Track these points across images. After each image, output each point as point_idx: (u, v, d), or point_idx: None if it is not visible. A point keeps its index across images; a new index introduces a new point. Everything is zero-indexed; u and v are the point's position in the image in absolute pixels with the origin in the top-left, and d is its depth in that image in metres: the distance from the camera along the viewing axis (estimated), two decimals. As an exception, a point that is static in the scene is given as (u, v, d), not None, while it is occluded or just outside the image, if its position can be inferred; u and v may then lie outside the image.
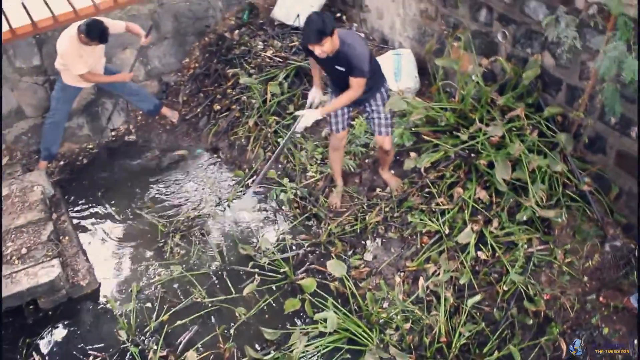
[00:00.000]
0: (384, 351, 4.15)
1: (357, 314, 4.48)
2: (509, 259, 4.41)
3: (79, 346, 4.65)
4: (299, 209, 5.38)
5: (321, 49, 4.15)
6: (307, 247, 5.08)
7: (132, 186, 6.02)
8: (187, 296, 4.85)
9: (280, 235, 5.26)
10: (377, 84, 4.61)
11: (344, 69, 4.35)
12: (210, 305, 4.77)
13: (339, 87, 4.56)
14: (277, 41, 6.45)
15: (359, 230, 5.02)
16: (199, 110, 6.52)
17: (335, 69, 4.40)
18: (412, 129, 5.08)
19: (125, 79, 5.95)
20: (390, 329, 4.35)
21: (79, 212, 5.79)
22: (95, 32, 5.23)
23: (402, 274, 4.68)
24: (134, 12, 6.27)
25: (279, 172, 5.66)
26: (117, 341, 4.61)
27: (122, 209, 5.77)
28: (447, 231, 4.63)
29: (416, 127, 5.08)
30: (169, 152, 6.38)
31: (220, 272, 5.04)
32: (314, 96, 4.95)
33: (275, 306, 4.73)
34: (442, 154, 4.83)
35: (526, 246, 4.43)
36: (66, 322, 4.84)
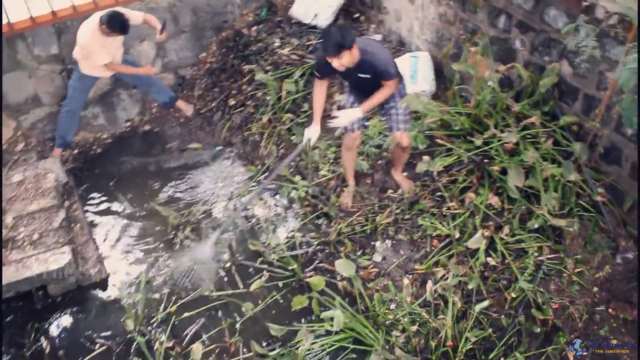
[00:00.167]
0: (390, 352, 4.15)
1: (364, 314, 4.48)
2: (518, 266, 4.40)
3: (86, 334, 4.69)
4: (310, 207, 5.39)
5: (339, 62, 4.21)
6: (317, 245, 5.09)
7: (144, 177, 6.05)
8: (195, 289, 4.87)
9: (290, 232, 5.27)
10: None
11: (369, 76, 4.41)
12: (217, 299, 4.79)
13: (363, 93, 4.62)
14: (294, 39, 6.46)
15: (369, 230, 5.02)
16: (213, 104, 6.54)
17: (359, 77, 4.46)
18: (426, 132, 5.08)
19: (148, 73, 6.01)
20: (396, 331, 4.36)
21: (91, 201, 5.83)
22: (116, 23, 5.28)
23: (411, 276, 4.67)
24: (152, 4, 6.30)
25: (292, 170, 5.67)
26: (124, 331, 4.63)
27: (133, 200, 5.80)
28: (457, 236, 4.62)
29: (430, 130, 5.08)
30: (182, 145, 6.40)
31: (229, 266, 5.06)
32: (313, 134, 4.76)
33: (282, 303, 4.74)
34: (456, 158, 4.82)
35: (536, 254, 4.42)
36: (74, 309, 4.88)
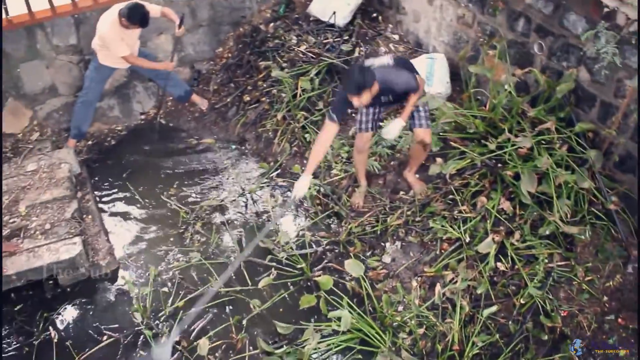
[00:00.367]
0: (396, 354, 4.15)
1: (372, 315, 4.47)
2: (528, 272, 4.37)
3: (94, 325, 4.71)
4: (321, 206, 5.39)
5: (359, 101, 4.27)
6: (326, 244, 5.09)
7: (157, 171, 6.07)
8: (203, 284, 4.89)
9: (300, 231, 5.27)
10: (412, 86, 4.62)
11: (390, 97, 4.58)
12: (226, 294, 4.80)
13: (385, 106, 4.85)
14: (312, 37, 6.45)
15: (379, 231, 5.01)
16: (228, 100, 6.55)
17: (381, 100, 4.62)
18: (440, 134, 5.06)
19: (167, 68, 6.03)
20: (403, 333, 4.35)
21: (104, 193, 5.86)
22: (136, 16, 5.31)
23: (420, 278, 4.66)
24: (171, -2, 6.33)
25: (304, 168, 5.65)
26: (132, 323, 4.66)
27: (145, 193, 5.82)
28: (467, 239, 4.60)
29: (444, 132, 5.06)
30: (196, 139, 6.41)
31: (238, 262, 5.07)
32: (302, 188, 4.53)
33: (289, 301, 4.74)
34: (469, 161, 4.80)
35: (547, 261, 4.39)
36: (83, 300, 4.90)
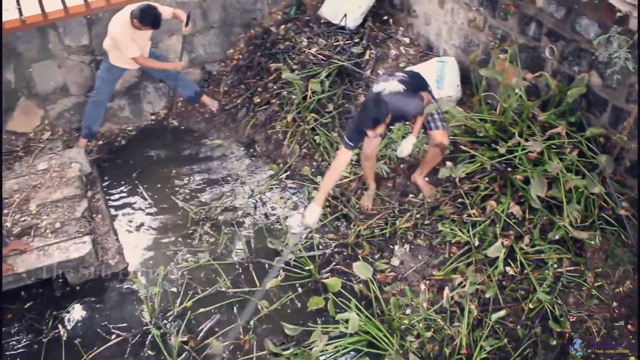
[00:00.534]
0: (403, 357, 4.14)
1: (379, 318, 4.46)
2: (537, 277, 4.35)
3: (103, 324, 4.74)
4: (330, 208, 5.39)
5: (374, 133, 4.33)
6: (335, 247, 5.09)
7: (166, 171, 6.09)
8: (212, 284, 4.90)
9: (308, 232, 5.28)
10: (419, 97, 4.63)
11: (401, 119, 4.67)
12: (234, 295, 4.81)
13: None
14: (322, 39, 6.46)
15: (388, 234, 5.00)
16: (239, 101, 6.56)
17: (394, 124, 4.92)
18: (450, 138, 5.05)
19: (177, 68, 6.05)
20: (411, 336, 4.34)
21: (114, 192, 5.89)
22: (148, 17, 5.34)
23: (428, 282, 4.65)
24: (183, -1, 6.35)
25: (313, 170, 5.67)
26: (140, 322, 4.68)
27: (155, 193, 5.84)
28: (476, 243, 4.59)
29: (454, 136, 5.05)
30: (205, 140, 6.43)
31: (246, 263, 5.08)
32: (312, 218, 4.50)
33: (297, 303, 4.75)
34: (478, 165, 4.78)
35: (556, 266, 4.37)
36: (92, 299, 4.93)
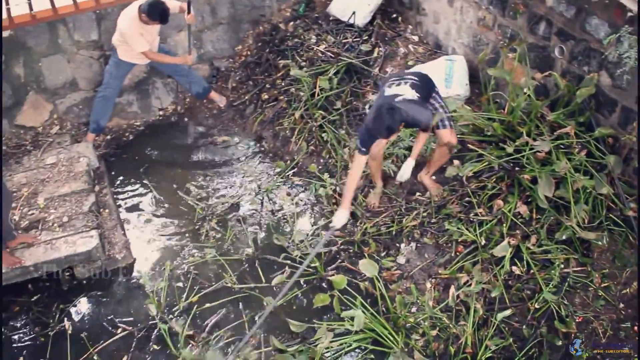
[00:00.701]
0: (408, 356, 4.14)
1: (385, 316, 4.47)
2: (543, 277, 4.35)
3: (109, 317, 4.76)
4: (337, 205, 5.38)
5: (387, 141, 4.40)
6: (341, 244, 5.09)
7: (173, 167, 6.11)
8: (218, 280, 4.92)
9: (315, 229, 5.28)
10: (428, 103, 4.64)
11: (412, 127, 4.56)
12: (239, 291, 4.82)
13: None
14: (331, 36, 6.45)
15: (394, 232, 5.00)
16: (247, 97, 6.57)
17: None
18: (458, 137, 5.04)
19: (186, 62, 6.06)
20: (416, 334, 4.34)
21: (121, 187, 5.91)
22: (156, 12, 5.35)
23: (434, 280, 4.65)
24: (192, -5, 6.35)
25: (320, 167, 5.67)
26: (146, 317, 4.70)
27: (162, 188, 5.86)
28: (483, 242, 4.58)
29: (462, 134, 5.04)
30: (213, 136, 6.44)
31: (252, 260, 5.09)
32: (341, 220, 4.68)
33: (303, 300, 4.75)
34: (486, 164, 4.78)
35: (563, 266, 4.37)
36: (99, 293, 4.96)
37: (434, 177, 5.16)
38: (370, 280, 4.68)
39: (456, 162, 4.83)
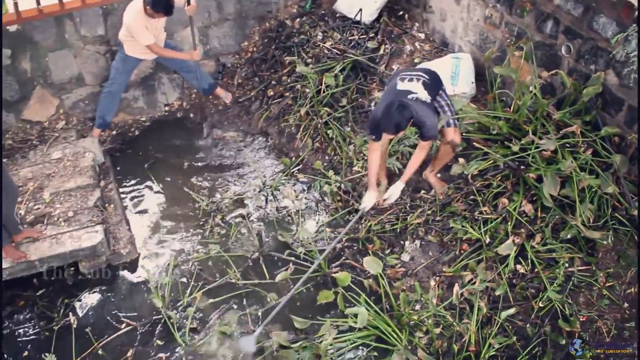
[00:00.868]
0: (412, 353, 4.15)
1: (388, 313, 4.47)
2: (548, 275, 4.34)
3: (113, 312, 4.77)
4: (341, 202, 5.40)
5: (394, 136, 4.47)
6: (345, 241, 5.09)
7: (179, 162, 6.12)
8: (221, 276, 4.92)
9: (319, 226, 5.28)
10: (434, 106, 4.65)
11: (417, 127, 4.55)
12: (243, 287, 4.83)
13: None
14: (337, 33, 6.44)
15: (398, 230, 5.00)
16: (252, 94, 6.57)
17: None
18: (464, 135, 5.03)
19: (192, 57, 6.07)
20: (420, 332, 4.34)
21: (126, 182, 5.92)
22: (160, 4, 5.37)
23: (438, 278, 4.65)
24: (198, -10, 6.36)
25: (325, 164, 5.68)
26: (150, 312, 4.72)
27: (167, 184, 5.87)
28: (487, 241, 4.57)
29: (467, 133, 5.03)
30: (218, 132, 6.45)
31: (256, 256, 5.09)
32: (370, 201, 4.84)
33: (306, 296, 4.76)
34: (491, 162, 4.77)
35: (567, 265, 4.35)
36: (103, 288, 4.97)
37: (438, 175, 5.15)
38: (374, 277, 4.69)
39: (461, 160, 4.82)
